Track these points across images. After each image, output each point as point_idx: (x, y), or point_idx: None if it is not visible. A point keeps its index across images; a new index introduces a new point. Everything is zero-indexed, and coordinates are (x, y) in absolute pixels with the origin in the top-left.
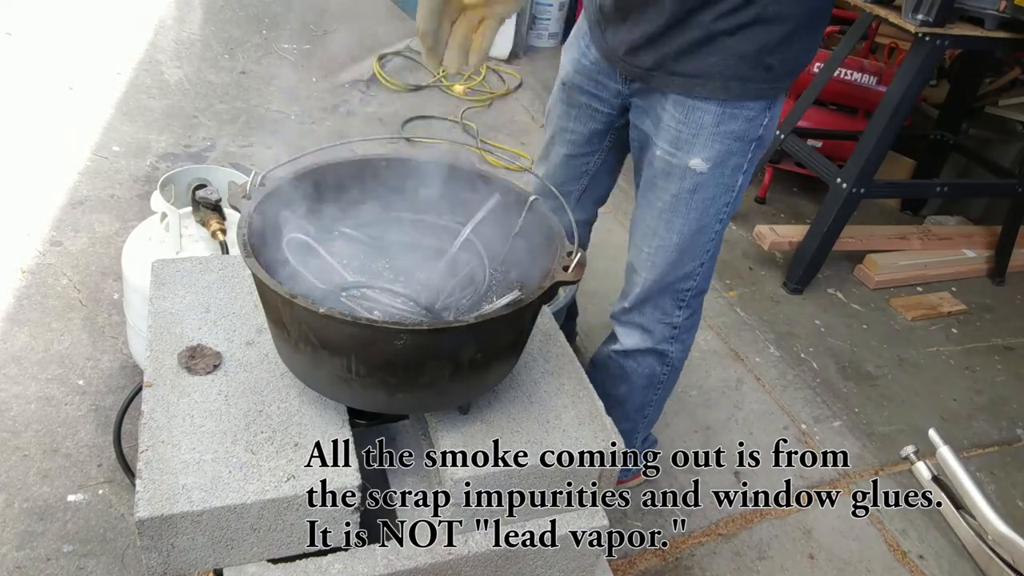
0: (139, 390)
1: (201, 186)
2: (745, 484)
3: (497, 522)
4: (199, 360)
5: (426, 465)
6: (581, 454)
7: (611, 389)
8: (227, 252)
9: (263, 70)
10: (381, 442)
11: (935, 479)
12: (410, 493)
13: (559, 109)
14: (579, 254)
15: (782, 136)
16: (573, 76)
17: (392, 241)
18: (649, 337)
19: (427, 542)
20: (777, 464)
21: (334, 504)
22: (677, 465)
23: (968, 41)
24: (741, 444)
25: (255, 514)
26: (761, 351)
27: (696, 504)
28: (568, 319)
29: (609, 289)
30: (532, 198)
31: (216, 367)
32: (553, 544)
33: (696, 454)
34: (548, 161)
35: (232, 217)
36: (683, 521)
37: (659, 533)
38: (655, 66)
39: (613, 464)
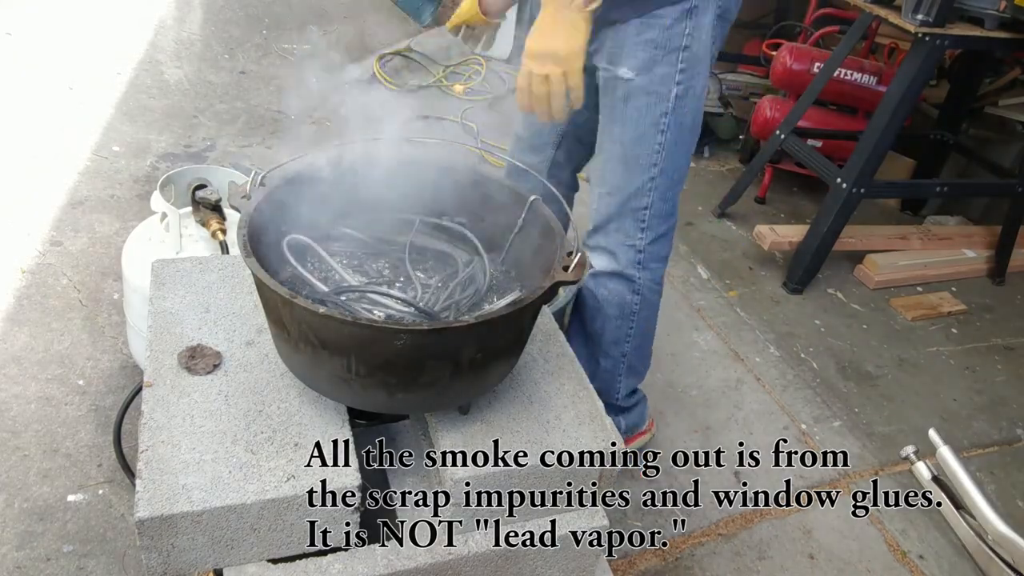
0: (139, 390)
1: (201, 186)
2: (745, 484)
3: (497, 522)
4: (199, 360)
5: (426, 465)
6: (581, 454)
7: (589, 324)
8: (227, 252)
9: (263, 70)
10: (381, 442)
11: (935, 479)
12: (410, 493)
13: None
14: (579, 254)
15: (782, 136)
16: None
17: (392, 241)
18: (614, 260)
19: (427, 542)
20: (777, 464)
21: (334, 504)
22: (677, 465)
23: (968, 41)
24: (741, 444)
25: (255, 514)
26: (761, 351)
27: (696, 504)
28: None
29: None
30: (532, 198)
31: (216, 367)
32: (553, 544)
33: (696, 454)
34: (518, 128)
35: (232, 217)
36: (683, 521)
37: (659, 533)
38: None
39: (613, 464)
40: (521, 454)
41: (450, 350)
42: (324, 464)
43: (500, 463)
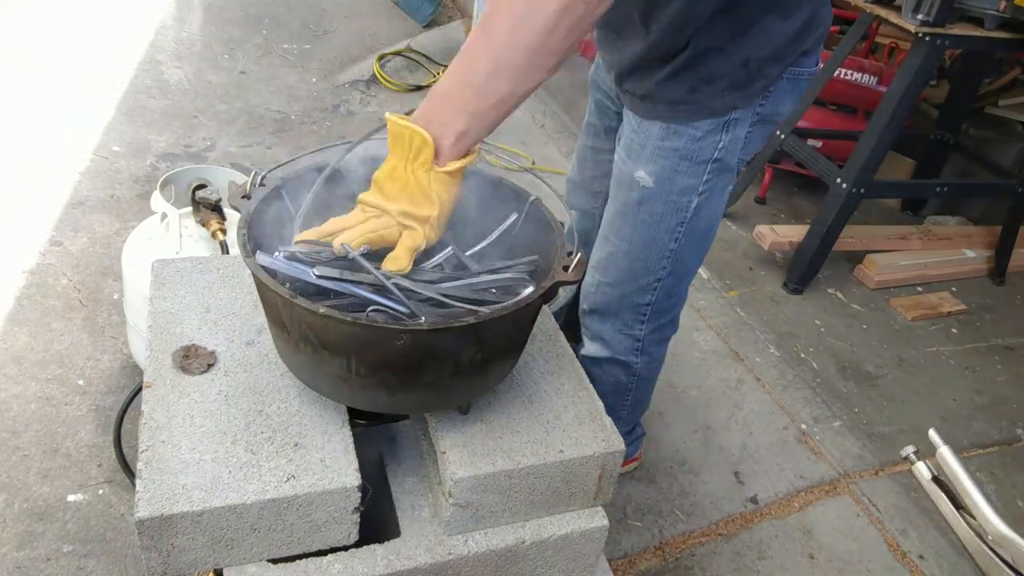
0: (139, 390)
1: (201, 186)
2: (745, 484)
3: (497, 522)
4: (193, 360)
5: (426, 465)
6: (581, 454)
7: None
8: (227, 252)
9: (263, 70)
10: (381, 442)
11: (935, 479)
12: (410, 493)
13: (590, 104)
14: (579, 254)
15: (782, 136)
16: (595, 72)
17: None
18: (607, 347)
19: (427, 542)
20: (777, 464)
21: (334, 504)
22: (677, 465)
23: (968, 41)
24: (741, 444)
25: (255, 514)
26: (761, 351)
27: (696, 504)
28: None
29: None
30: (532, 198)
31: (211, 366)
32: (553, 544)
33: (696, 454)
34: (577, 152)
35: (232, 217)
36: (683, 521)
37: (659, 533)
38: (618, 82)
39: (613, 464)
40: (521, 454)
41: (450, 350)
42: (324, 464)
43: (500, 463)
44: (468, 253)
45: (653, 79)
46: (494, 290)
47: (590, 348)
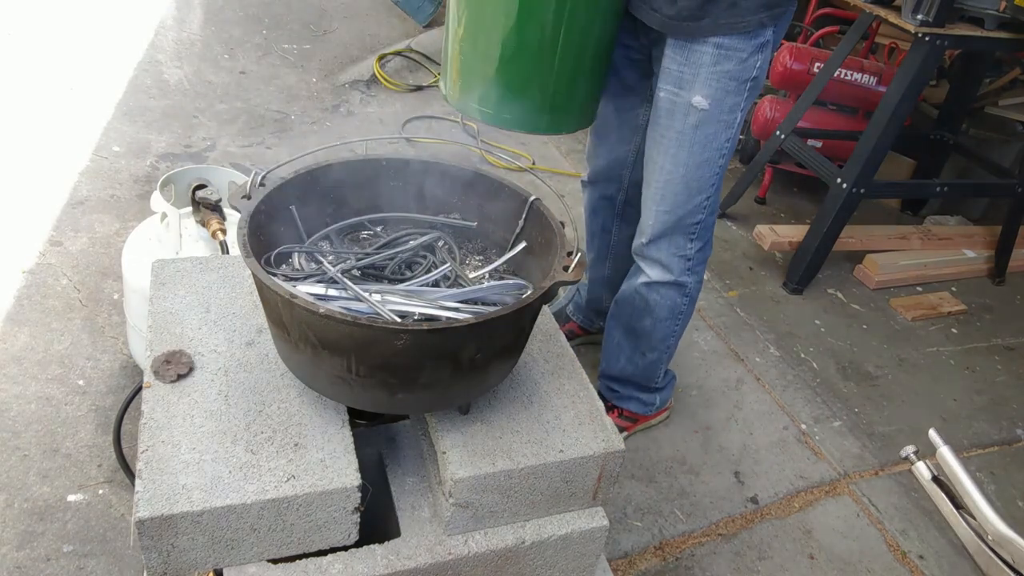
0: (139, 390)
1: (201, 186)
2: (745, 484)
3: (497, 522)
4: (173, 366)
5: (426, 465)
6: (581, 454)
7: (636, 322)
8: (227, 252)
9: (263, 70)
10: (381, 442)
11: (935, 479)
12: (410, 493)
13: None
14: (579, 254)
15: (782, 136)
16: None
17: (391, 239)
18: (668, 271)
19: (427, 542)
20: (777, 464)
21: (334, 504)
22: (677, 465)
23: (968, 41)
24: (741, 444)
25: (255, 514)
26: (761, 351)
27: (696, 504)
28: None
29: None
30: (532, 198)
31: (181, 376)
32: (553, 544)
33: (696, 454)
34: (598, 123)
35: (232, 217)
36: (683, 521)
37: (659, 533)
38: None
39: (613, 464)
40: (521, 454)
41: (450, 350)
42: (324, 464)
43: (500, 463)
44: (474, 275)
45: None
46: (493, 296)
47: (653, 274)
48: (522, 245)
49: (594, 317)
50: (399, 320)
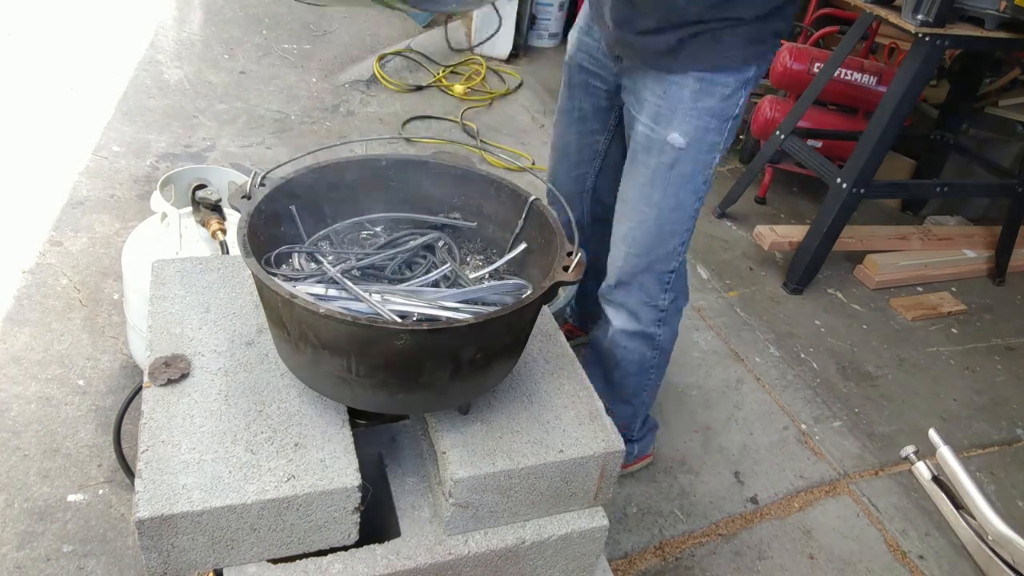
0: (139, 390)
1: (201, 186)
2: (745, 484)
3: (497, 522)
4: (170, 369)
5: (426, 465)
6: (581, 454)
7: (608, 372)
8: (227, 252)
9: (263, 70)
10: (381, 442)
11: (935, 479)
12: (410, 493)
13: (564, 92)
14: (579, 254)
15: (782, 136)
16: (575, 54)
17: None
18: (635, 319)
19: (427, 542)
20: (777, 464)
21: (334, 504)
22: (677, 465)
23: (968, 41)
24: (741, 444)
25: (255, 514)
26: (761, 351)
27: (696, 504)
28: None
29: None
30: (532, 198)
31: (172, 381)
32: (553, 544)
33: (696, 454)
34: (558, 145)
35: (232, 217)
36: (683, 521)
37: (659, 533)
38: (634, 44)
39: (613, 464)
40: (521, 454)
41: (450, 350)
42: (324, 464)
43: (500, 463)
44: (474, 276)
45: (684, 31)
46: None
47: (617, 322)
48: (522, 247)
49: (586, 319)
50: (399, 320)
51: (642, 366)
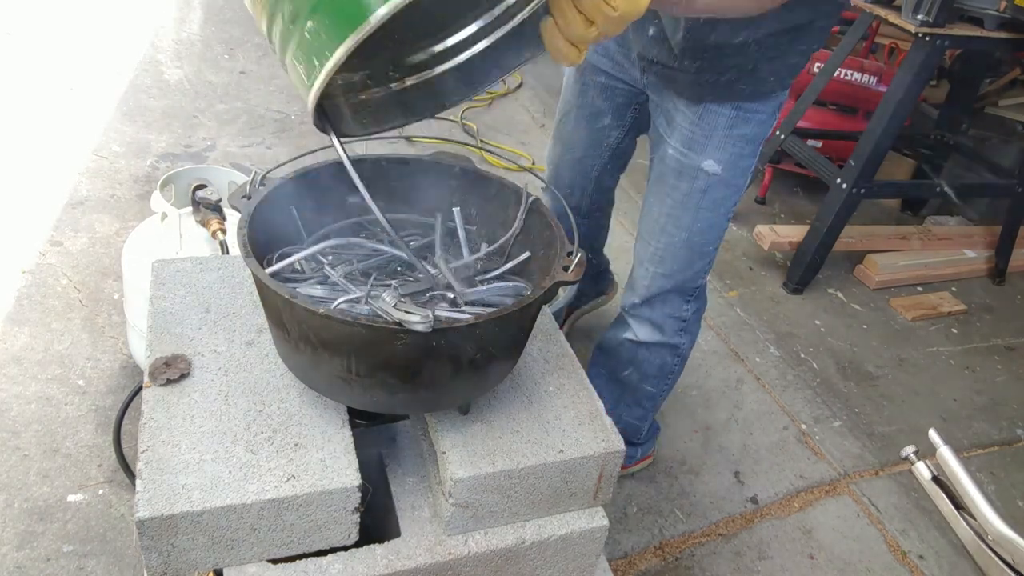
0: (139, 390)
1: (201, 186)
2: (745, 484)
3: (497, 522)
4: (171, 369)
5: (426, 465)
6: (581, 454)
7: (619, 373)
8: (227, 252)
9: (263, 70)
10: (381, 442)
11: (935, 479)
12: (410, 493)
13: (574, 89)
14: (579, 254)
15: (782, 136)
16: (591, 56)
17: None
18: (659, 332)
19: (427, 542)
20: (777, 464)
21: (334, 504)
22: (677, 465)
23: (968, 41)
24: (741, 444)
25: (255, 514)
26: (761, 351)
27: (696, 504)
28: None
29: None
30: (532, 198)
31: (171, 381)
32: (553, 544)
33: (696, 454)
34: (562, 135)
35: (232, 217)
36: (683, 521)
37: (659, 533)
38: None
39: (613, 464)
40: (521, 454)
41: (450, 350)
42: (324, 464)
43: (500, 463)
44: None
45: (725, 74)
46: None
47: (640, 333)
48: (525, 255)
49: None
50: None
51: (662, 371)
